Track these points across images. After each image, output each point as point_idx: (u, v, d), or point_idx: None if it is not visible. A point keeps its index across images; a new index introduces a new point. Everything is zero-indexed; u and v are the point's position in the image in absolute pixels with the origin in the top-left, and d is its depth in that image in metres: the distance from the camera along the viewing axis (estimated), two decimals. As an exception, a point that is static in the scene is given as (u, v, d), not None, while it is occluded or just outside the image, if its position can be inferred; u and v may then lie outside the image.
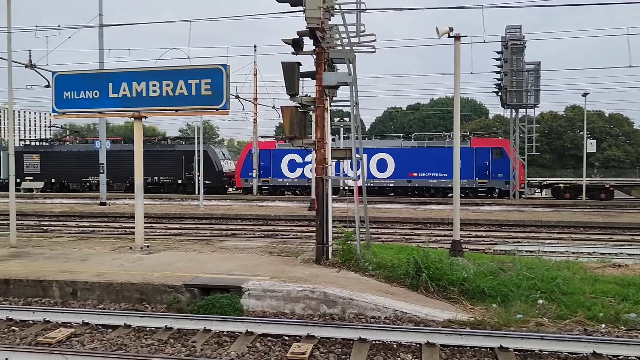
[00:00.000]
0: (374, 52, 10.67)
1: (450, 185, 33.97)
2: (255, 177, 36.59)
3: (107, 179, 40.78)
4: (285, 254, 11.88)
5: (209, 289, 8.75)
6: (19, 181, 39.95)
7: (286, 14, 12.22)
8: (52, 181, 42.91)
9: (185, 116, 47.71)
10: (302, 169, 36.53)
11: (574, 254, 12.95)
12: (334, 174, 17.90)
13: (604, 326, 7.68)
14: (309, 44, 10.80)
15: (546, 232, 19.31)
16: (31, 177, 43.02)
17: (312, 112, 11.70)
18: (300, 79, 10.72)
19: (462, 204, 13.01)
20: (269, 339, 7.16)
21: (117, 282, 9.02)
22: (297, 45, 10.48)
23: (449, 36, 11.77)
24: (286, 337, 7.17)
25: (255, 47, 37.46)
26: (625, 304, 8.26)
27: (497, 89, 33.30)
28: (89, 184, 42.27)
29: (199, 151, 30.38)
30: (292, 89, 10.56)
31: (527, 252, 13.07)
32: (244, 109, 37.62)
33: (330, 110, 11.26)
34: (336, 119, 29.09)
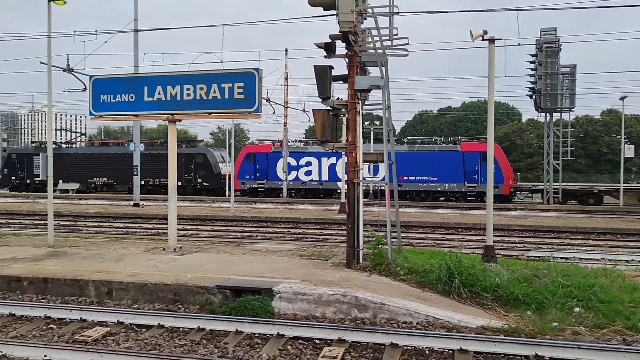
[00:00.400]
0: (407, 55, 10.61)
1: (439, 189, 34.91)
2: (285, 179, 36.95)
3: (110, 181, 43.28)
4: (315, 257, 11.89)
5: (240, 290, 8.81)
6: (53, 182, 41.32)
7: (318, 18, 12.30)
8: (60, 182, 44.38)
9: (217, 119, 48.45)
10: (296, 172, 37.43)
11: (611, 261, 12.63)
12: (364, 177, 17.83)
13: (644, 336, 7.46)
14: (341, 47, 10.83)
15: (582, 239, 18.86)
16: (40, 178, 44.92)
17: (343, 116, 11.71)
18: (332, 82, 10.75)
19: (494, 209, 12.80)
20: (300, 341, 7.17)
21: (151, 283, 9.17)
22: (329, 48, 10.50)
23: (483, 39, 11.64)
24: (317, 341, 7.17)
25: (286, 50, 37.76)
26: (666, 314, 8.01)
27: (530, 93, 32.71)
28: (94, 185, 43.97)
29: (230, 154, 30.68)
30: (324, 93, 10.58)
31: (562, 259, 12.80)
32: (274, 112, 37.88)
33: (362, 113, 11.23)
34: (366, 123, 29.07)
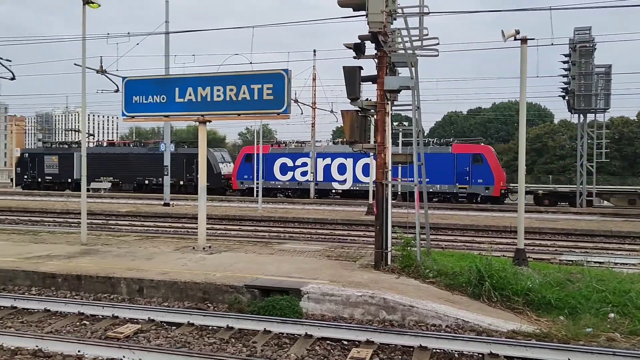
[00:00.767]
0: (437, 55, 10.52)
1: (431, 189, 34.51)
2: (312, 180, 37.13)
3: (116, 180, 44.70)
4: (343, 258, 11.88)
5: (268, 290, 8.85)
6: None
7: (347, 19, 12.28)
8: (69, 180, 46.11)
9: (246, 120, 49.10)
10: (292, 172, 38.38)
11: (648, 266, 12.29)
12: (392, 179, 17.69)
13: (682, 344, 7.23)
14: (370, 48, 10.79)
15: (617, 243, 18.40)
16: (51, 177, 46.78)
17: (372, 117, 11.67)
18: (361, 83, 10.72)
19: (525, 211, 12.58)
20: (328, 342, 7.16)
21: (181, 281, 9.29)
22: (358, 49, 10.48)
23: (515, 39, 11.46)
24: (345, 342, 7.15)
25: (314, 51, 37.89)
26: None
27: (564, 93, 32.04)
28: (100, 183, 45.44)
29: (259, 155, 30.90)
30: (353, 93, 10.56)
31: (596, 263, 12.51)
32: (302, 113, 38.15)
33: (391, 114, 11.18)
34: (395, 124, 28.98)
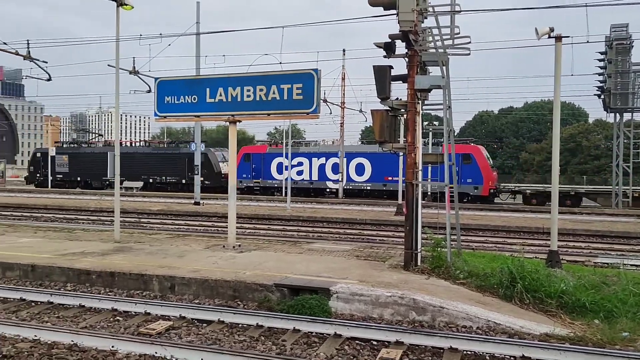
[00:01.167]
0: (469, 54, 10.39)
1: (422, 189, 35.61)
2: (342, 180, 37.23)
3: (122, 178, 45.40)
4: (372, 258, 11.84)
5: (298, 289, 8.88)
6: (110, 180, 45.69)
7: (376, 18, 12.24)
8: (78, 179, 48.09)
9: (276, 120, 49.70)
10: (289, 171, 38.95)
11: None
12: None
13: None
14: (400, 47, 10.73)
15: (654, 246, 17.88)
16: (61, 175, 48.62)
17: (402, 116, 11.60)
18: (391, 82, 10.66)
19: (558, 212, 12.34)
20: (358, 342, 7.15)
21: (211, 279, 9.39)
22: (389, 48, 10.43)
23: (549, 37, 11.24)
24: (375, 342, 7.13)
25: (344, 51, 37.85)
26: None
27: (599, 92, 31.30)
28: (107, 182, 46.62)
29: (288, 154, 31.03)
30: (382, 93, 10.52)
31: (633, 266, 12.18)
32: (331, 113, 38.11)
33: (421, 113, 11.09)
34: (425, 123, 28.75)
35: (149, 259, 11.35)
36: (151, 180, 44.75)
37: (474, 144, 37.49)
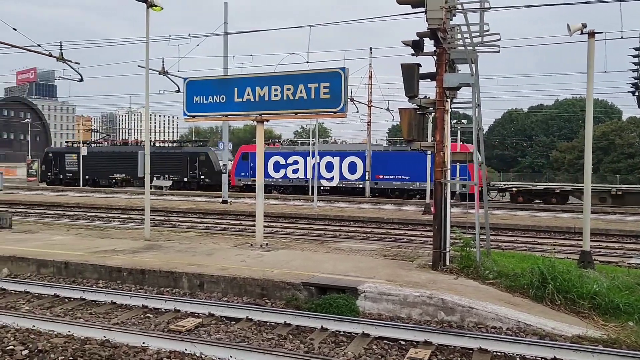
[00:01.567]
0: (499, 51, 10.25)
1: (412, 187, 36.46)
2: (368, 179, 37.22)
3: (128, 177, 47.62)
4: (400, 257, 11.77)
5: (325, 288, 8.89)
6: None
7: (404, 16, 12.16)
8: (87, 177, 49.90)
9: (303, 119, 50.05)
10: (285, 170, 40.41)
11: None
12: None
13: None
14: (428, 45, 10.63)
15: (691, 247, 17.36)
16: (71, 174, 50.66)
17: (429, 115, 11.51)
18: (419, 80, 10.58)
19: (591, 212, 12.09)
20: (386, 342, 7.11)
21: (240, 277, 9.46)
22: (417, 46, 10.34)
23: (582, 33, 11.02)
24: (403, 342, 7.08)
25: (371, 49, 37.71)
26: None
27: (633, 89, 30.51)
28: (114, 180, 48.90)
29: (313, 153, 31.08)
30: (411, 91, 10.44)
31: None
32: (358, 112, 38.08)
33: (450, 112, 10.98)
34: (453, 121, 28.52)
35: (179, 256, 11.50)
36: (155, 178, 46.01)
37: (463, 143, 37.38)
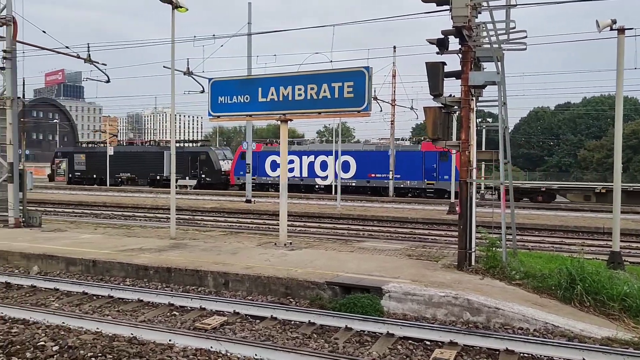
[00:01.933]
0: (525, 49, 10.10)
1: (402, 185, 37.57)
2: (391, 178, 37.14)
3: (133, 176, 49.43)
4: (424, 257, 11.70)
5: (349, 288, 8.88)
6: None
7: (428, 14, 12.06)
8: (94, 176, 51.39)
9: (326, 118, 50.27)
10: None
11: None
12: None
13: None
14: (453, 43, 10.53)
15: None
16: (79, 173, 52.30)
17: (454, 113, 11.40)
18: (444, 78, 10.49)
19: (621, 212, 11.82)
20: (410, 342, 7.07)
21: (264, 276, 9.51)
22: (442, 44, 10.25)
23: (611, 29, 10.80)
24: (428, 342, 7.04)
25: (394, 48, 37.49)
26: None
27: (664, 86, 29.81)
28: (120, 179, 50.19)
29: (336, 151, 31.05)
30: (435, 89, 10.35)
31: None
32: (381, 111, 37.95)
33: (475, 110, 10.87)
34: (478, 120, 28.28)
35: (204, 255, 11.61)
36: (158, 177, 47.05)
37: None
